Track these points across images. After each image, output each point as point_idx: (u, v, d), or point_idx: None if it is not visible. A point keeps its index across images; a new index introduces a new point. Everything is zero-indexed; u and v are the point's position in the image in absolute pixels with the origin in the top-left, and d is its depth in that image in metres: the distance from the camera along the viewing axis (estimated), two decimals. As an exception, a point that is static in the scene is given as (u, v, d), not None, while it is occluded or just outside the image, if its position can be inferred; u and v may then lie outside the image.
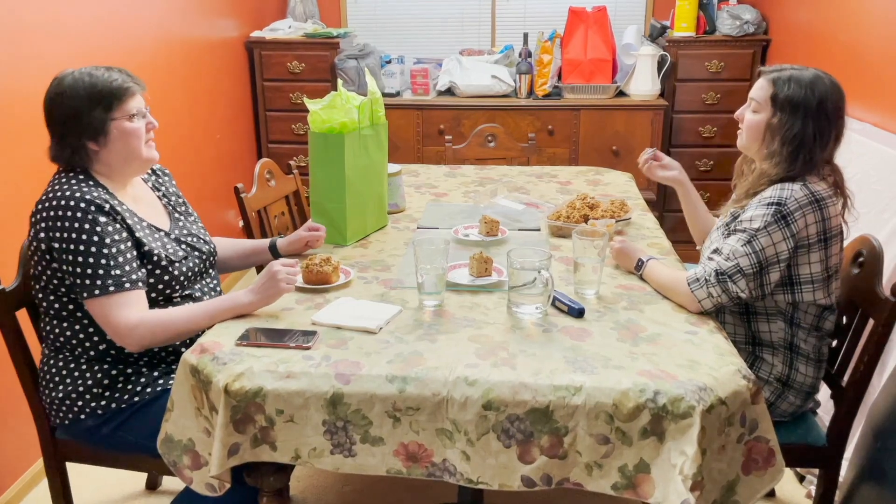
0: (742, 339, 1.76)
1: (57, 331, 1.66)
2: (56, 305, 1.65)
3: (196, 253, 1.78)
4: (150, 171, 1.87)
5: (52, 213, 1.56)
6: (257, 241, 2.05)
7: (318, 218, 2.07)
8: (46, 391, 1.69)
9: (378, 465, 1.37)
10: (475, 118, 3.75)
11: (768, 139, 1.69)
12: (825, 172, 1.69)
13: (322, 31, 3.91)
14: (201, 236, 1.84)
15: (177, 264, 1.70)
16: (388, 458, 1.37)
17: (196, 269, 1.76)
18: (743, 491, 1.38)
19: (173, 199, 1.87)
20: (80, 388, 1.65)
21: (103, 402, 1.66)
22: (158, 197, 1.83)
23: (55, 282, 1.61)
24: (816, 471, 1.87)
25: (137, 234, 1.63)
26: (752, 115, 1.74)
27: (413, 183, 2.70)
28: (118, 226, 1.60)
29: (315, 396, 1.36)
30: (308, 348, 1.46)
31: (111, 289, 1.56)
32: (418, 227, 2.22)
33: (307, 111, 2.01)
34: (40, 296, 1.66)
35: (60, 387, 1.66)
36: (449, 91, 3.92)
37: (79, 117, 1.60)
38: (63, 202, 1.56)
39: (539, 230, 2.19)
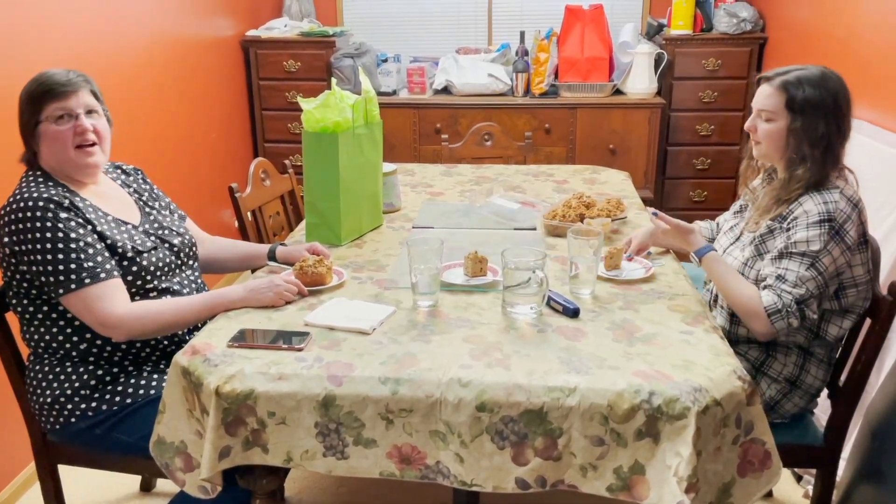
0: (755, 338, 1.75)
1: (37, 336, 1.66)
2: (31, 309, 1.64)
3: (166, 245, 1.76)
4: (120, 171, 1.86)
5: (12, 217, 1.56)
6: (256, 245, 2.03)
7: (313, 217, 2.06)
8: (34, 397, 1.68)
9: (371, 468, 1.36)
10: (472, 117, 3.74)
11: (793, 145, 1.68)
12: (843, 171, 1.69)
13: (318, 29, 3.90)
14: (174, 229, 1.83)
15: (144, 255, 1.68)
16: (381, 461, 1.36)
17: (167, 261, 1.74)
18: (738, 493, 1.36)
19: (145, 195, 1.86)
20: (68, 392, 1.64)
21: (93, 404, 1.65)
22: (129, 193, 1.82)
23: (25, 286, 1.61)
24: (814, 471, 1.86)
25: (99, 228, 1.63)
26: (769, 125, 1.71)
27: (409, 182, 2.69)
28: (80, 220, 1.59)
29: (307, 398, 1.34)
30: (300, 350, 1.45)
31: (87, 281, 1.55)
32: (414, 227, 2.21)
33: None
34: (14, 302, 1.65)
35: (48, 391, 1.65)
36: (445, 90, 3.91)
37: (20, 117, 1.63)
38: (22, 204, 1.55)
39: (535, 229, 2.18)
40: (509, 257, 1.57)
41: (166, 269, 1.74)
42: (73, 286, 1.55)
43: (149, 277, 1.69)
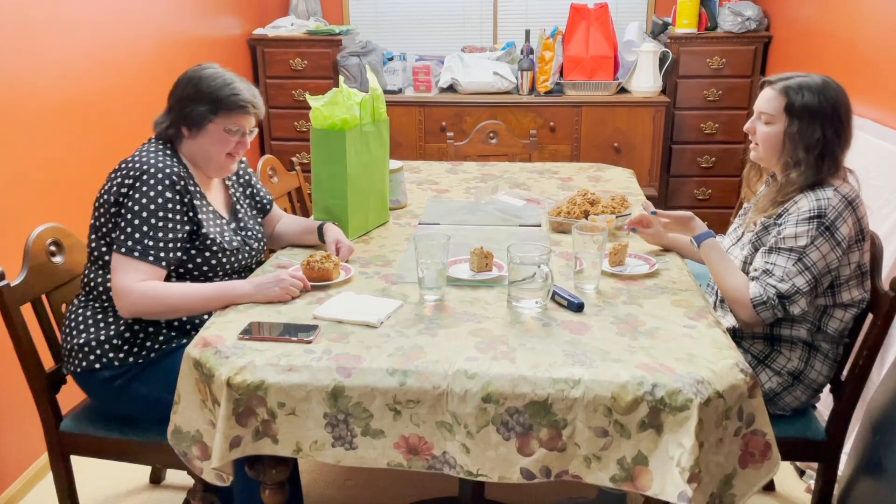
0: (761, 334, 1.78)
1: (98, 280, 1.74)
2: (107, 256, 1.73)
3: (247, 248, 1.86)
4: None
5: (131, 173, 1.68)
6: (309, 220, 2.10)
7: (321, 214, 2.09)
8: (68, 337, 1.75)
9: (379, 458, 1.39)
10: (477, 115, 3.76)
11: (789, 148, 1.72)
12: (843, 173, 1.72)
13: (324, 28, 3.93)
14: (255, 233, 1.92)
15: (228, 252, 1.79)
16: (389, 451, 1.38)
17: (244, 263, 1.84)
18: (740, 484, 1.38)
19: (240, 190, 1.97)
20: (101, 337, 1.71)
21: (121, 355, 1.71)
22: (227, 185, 1.94)
23: (113, 235, 1.70)
24: (816, 465, 1.87)
25: (199, 216, 1.73)
26: (767, 128, 1.75)
27: (414, 179, 2.71)
28: (180, 206, 1.69)
29: (316, 390, 1.37)
30: (309, 342, 1.47)
31: (135, 253, 1.64)
32: (420, 223, 2.23)
33: (309, 108, 2.03)
34: (93, 244, 1.75)
35: (83, 334, 1.72)
36: (451, 88, 3.93)
37: (189, 103, 1.75)
38: (145, 167, 1.68)
39: (539, 226, 2.20)
40: (515, 253, 1.60)
41: (239, 269, 1.83)
42: (123, 249, 1.65)
43: (220, 272, 1.78)
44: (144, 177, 1.66)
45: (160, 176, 1.67)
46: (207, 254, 1.75)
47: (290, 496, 1.57)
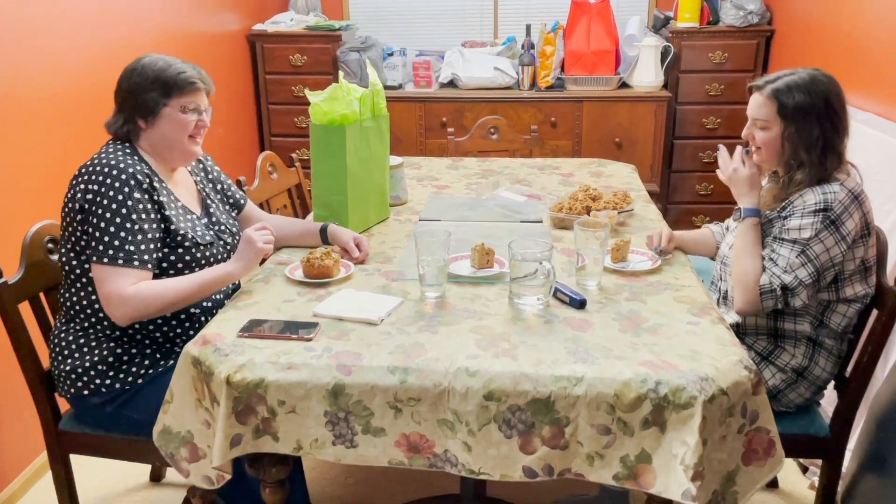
0: (764, 330, 1.77)
1: (74, 298, 1.70)
2: (78, 270, 1.68)
3: (221, 242, 1.83)
4: None
5: (94, 177, 1.63)
6: (310, 222, 2.07)
7: (321, 210, 2.08)
8: (55, 363, 1.73)
9: (380, 456, 1.38)
10: (477, 110, 3.74)
11: (790, 150, 1.71)
12: (846, 167, 1.71)
13: (324, 23, 3.91)
14: (228, 227, 1.89)
15: (202, 247, 1.75)
16: (390, 449, 1.37)
17: (219, 257, 1.80)
18: (743, 482, 1.37)
19: (209, 186, 1.93)
20: (87, 364, 1.68)
21: (107, 382, 1.68)
22: (196, 181, 1.89)
23: (83, 242, 1.66)
24: (819, 462, 1.86)
25: (168, 213, 1.69)
26: (764, 133, 1.74)
27: (415, 175, 2.70)
28: (150, 205, 1.66)
29: (316, 388, 1.36)
30: (310, 340, 1.46)
31: (119, 261, 1.60)
32: (420, 220, 2.22)
33: (309, 104, 2.01)
34: (64, 259, 1.71)
35: (69, 360, 1.70)
36: (451, 83, 3.91)
37: (137, 93, 1.70)
38: (107, 169, 1.63)
39: (541, 222, 2.18)
40: (516, 249, 1.58)
41: (216, 263, 1.79)
42: (105, 259, 1.60)
43: (198, 269, 1.74)
44: (108, 180, 1.61)
45: (124, 177, 1.62)
46: (181, 250, 1.70)
47: (296, 495, 1.56)
